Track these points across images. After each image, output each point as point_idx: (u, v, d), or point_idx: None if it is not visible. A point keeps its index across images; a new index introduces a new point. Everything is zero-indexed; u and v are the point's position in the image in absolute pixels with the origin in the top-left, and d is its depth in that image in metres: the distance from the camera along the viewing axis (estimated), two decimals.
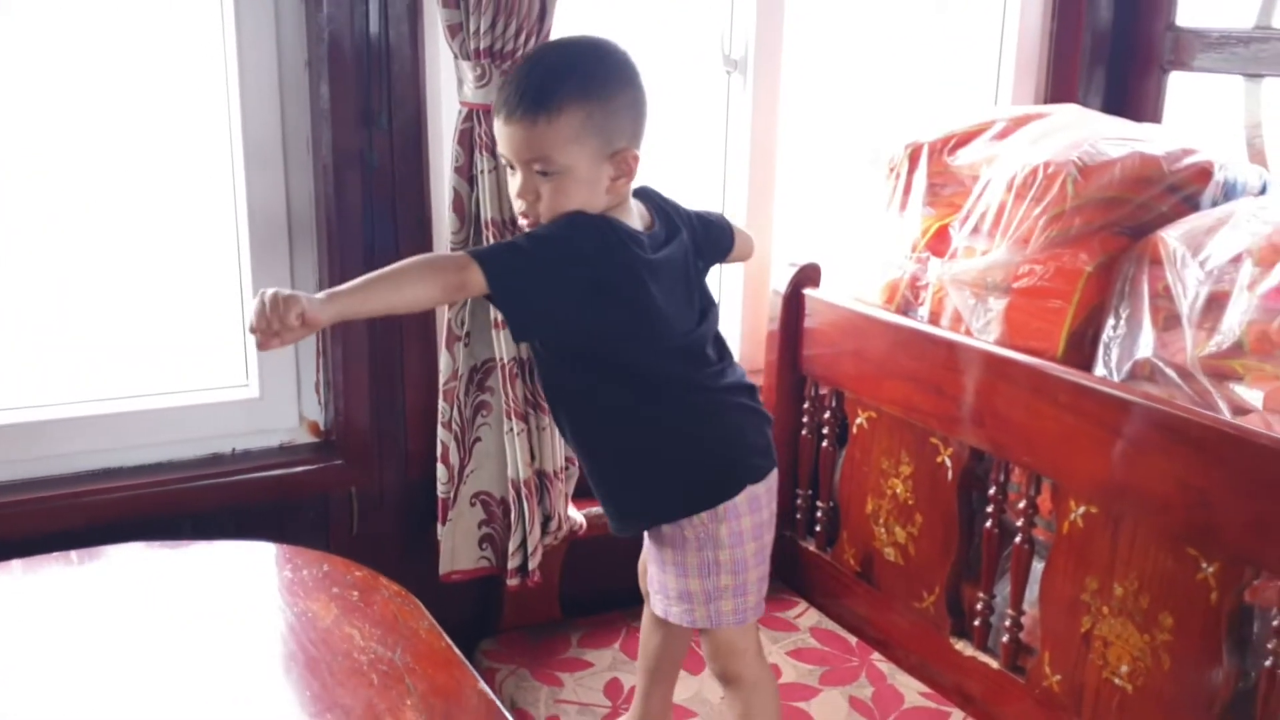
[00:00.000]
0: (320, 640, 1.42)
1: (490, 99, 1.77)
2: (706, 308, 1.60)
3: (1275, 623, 1.46)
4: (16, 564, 1.58)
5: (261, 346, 1.28)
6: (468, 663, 1.40)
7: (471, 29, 1.77)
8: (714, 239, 1.69)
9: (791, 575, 2.30)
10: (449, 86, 1.91)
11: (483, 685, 1.35)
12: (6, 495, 1.80)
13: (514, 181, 1.47)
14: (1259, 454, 1.46)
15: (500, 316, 1.86)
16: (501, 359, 1.90)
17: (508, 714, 1.30)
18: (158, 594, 1.56)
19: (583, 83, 1.42)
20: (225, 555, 1.65)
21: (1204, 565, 1.54)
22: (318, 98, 1.88)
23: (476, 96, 1.81)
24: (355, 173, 1.90)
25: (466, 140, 1.84)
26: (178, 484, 1.91)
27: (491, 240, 1.84)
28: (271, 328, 1.25)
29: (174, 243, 1.96)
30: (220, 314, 1.99)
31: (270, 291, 1.26)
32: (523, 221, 1.50)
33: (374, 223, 1.93)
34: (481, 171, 1.83)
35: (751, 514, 1.57)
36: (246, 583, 1.60)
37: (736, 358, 2.43)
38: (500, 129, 1.45)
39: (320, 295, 1.30)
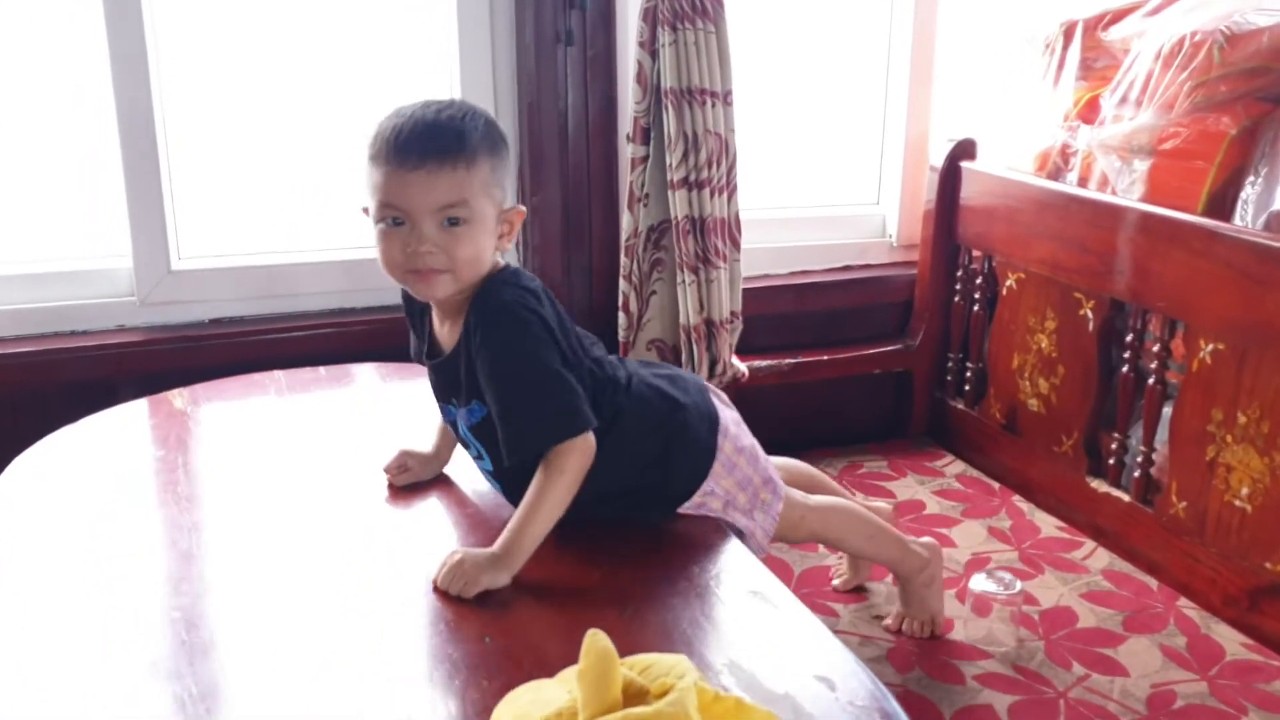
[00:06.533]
0: None
1: None
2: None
3: None
4: (279, 373, 1.92)
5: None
6: None
7: None
8: None
9: (941, 432, 2.48)
10: None
11: None
12: (267, 324, 2.15)
13: (403, 235, 1.27)
14: None
15: (675, 178, 2.10)
16: (675, 218, 2.13)
17: None
18: (387, 396, 1.87)
19: (489, 135, 1.30)
20: None
21: None
22: None
23: None
24: (553, 50, 2.15)
25: (650, 17, 2.06)
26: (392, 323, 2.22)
27: (670, 111, 2.06)
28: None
29: None
30: None
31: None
32: (412, 279, 1.30)
33: (569, 96, 2.18)
34: (663, 45, 2.06)
35: None
36: None
37: (895, 237, 2.65)
38: (401, 177, 1.25)
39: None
